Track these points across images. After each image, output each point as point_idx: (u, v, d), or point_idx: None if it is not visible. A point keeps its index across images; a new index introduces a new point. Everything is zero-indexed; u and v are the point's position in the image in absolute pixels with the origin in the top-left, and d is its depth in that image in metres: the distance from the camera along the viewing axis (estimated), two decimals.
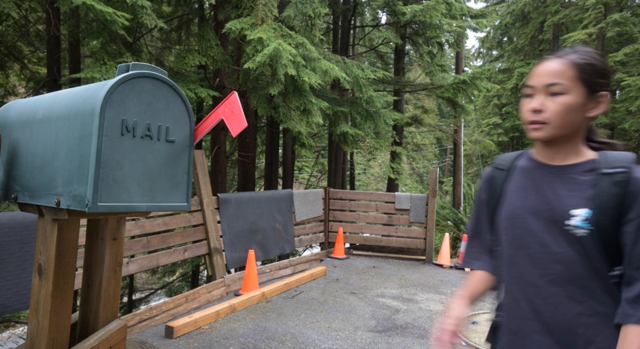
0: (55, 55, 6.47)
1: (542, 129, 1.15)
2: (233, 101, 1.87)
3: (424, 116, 15.84)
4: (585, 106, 1.13)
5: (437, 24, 8.95)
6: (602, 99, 1.15)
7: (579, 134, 1.17)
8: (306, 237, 7.12)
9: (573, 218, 1.10)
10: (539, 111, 1.14)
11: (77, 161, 1.37)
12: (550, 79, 1.13)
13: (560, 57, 1.15)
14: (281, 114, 6.53)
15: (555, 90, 1.13)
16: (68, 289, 1.64)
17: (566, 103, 1.12)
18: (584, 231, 1.09)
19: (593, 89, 1.13)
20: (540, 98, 1.15)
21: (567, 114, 1.12)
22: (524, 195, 1.20)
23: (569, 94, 1.12)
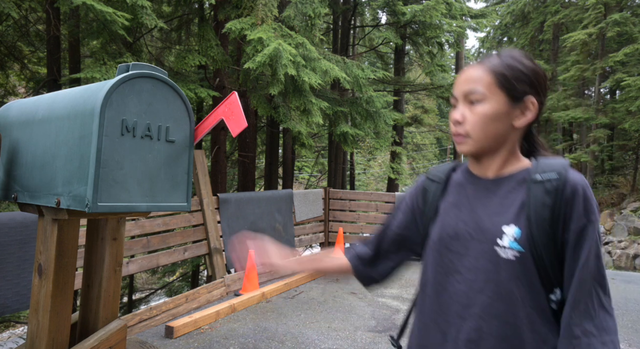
0: (55, 55, 6.47)
1: (465, 142, 1.04)
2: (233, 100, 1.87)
3: (424, 116, 15.85)
4: (509, 114, 1.01)
5: (437, 24, 8.95)
6: (529, 106, 1.02)
7: (509, 145, 1.04)
8: (306, 237, 7.12)
9: (504, 236, 0.96)
10: (459, 122, 1.04)
11: (77, 161, 1.37)
12: (468, 87, 1.03)
13: (480, 63, 1.05)
14: (281, 114, 6.53)
15: (473, 98, 1.02)
16: (68, 289, 1.64)
17: (485, 113, 1.00)
18: (513, 252, 0.94)
19: (515, 96, 1.00)
20: (461, 108, 1.04)
21: (487, 125, 1.00)
22: (457, 213, 1.06)
23: (487, 102, 1.00)
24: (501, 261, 0.95)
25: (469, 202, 1.06)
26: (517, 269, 0.94)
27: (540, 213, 0.94)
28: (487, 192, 1.04)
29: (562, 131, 17.83)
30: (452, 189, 1.12)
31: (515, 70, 1.01)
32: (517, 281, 0.94)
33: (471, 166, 1.11)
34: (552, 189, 0.94)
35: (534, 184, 0.97)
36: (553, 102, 14.85)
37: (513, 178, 1.03)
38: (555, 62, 16.92)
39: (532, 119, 1.03)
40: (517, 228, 0.95)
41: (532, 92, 1.02)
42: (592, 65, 13.80)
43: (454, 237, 1.04)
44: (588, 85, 16.96)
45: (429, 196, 1.16)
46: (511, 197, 1.00)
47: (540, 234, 0.93)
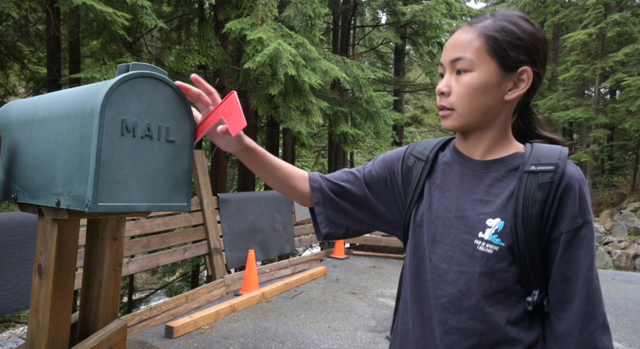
0: (55, 55, 6.47)
1: (450, 116, 0.92)
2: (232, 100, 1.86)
3: (424, 116, 15.85)
4: (500, 85, 0.89)
5: (437, 24, 8.96)
6: (522, 77, 0.89)
7: (500, 122, 0.93)
8: (306, 237, 7.12)
9: (486, 230, 0.88)
10: (444, 93, 0.92)
11: (77, 161, 1.37)
12: (455, 53, 0.90)
13: (471, 25, 0.91)
14: (281, 114, 6.53)
15: (460, 66, 0.89)
16: (68, 289, 1.64)
17: (471, 83, 0.88)
18: (492, 246, 0.86)
19: (508, 65, 0.88)
20: (447, 78, 0.92)
21: (474, 97, 0.88)
22: (440, 197, 0.96)
23: (475, 71, 0.88)
24: (477, 253, 0.87)
25: (453, 185, 0.96)
26: (493, 264, 0.86)
27: (529, 208, 0.84)
28: (474, 176, 0.94)
29: (562, 131, 17.84)
30: (439, 169, 1.00)
31: (510, 35, 0.88)
32: (490, 277, 0.86)
33: (458, 142, 0.99)
34: (546, 183, 0.84)
35: (526, 174, 0.87)
36: (553, 102, 14.85)
37: (503, 163, 0.92)
38: (555, 62, 16.93)
39: (523, 92, 0.90)
40: (501, 220, 0.87)
41: (528, 62, 0.89)
42: (592, 65, 13.80)
43: (433, 223, 0.95)
44: (588, 86, 16.97)
45: (412, 176, 1.03)
46: (499, 185, 0.90)
47: (525, 230, 0.84)
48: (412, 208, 1.02)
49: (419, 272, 0.97)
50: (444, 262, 0.92)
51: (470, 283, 0.88)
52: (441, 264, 0.92)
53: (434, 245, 0.94)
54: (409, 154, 1.07)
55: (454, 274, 0.90)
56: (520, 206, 0.85)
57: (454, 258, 0.91)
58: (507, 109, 0.93)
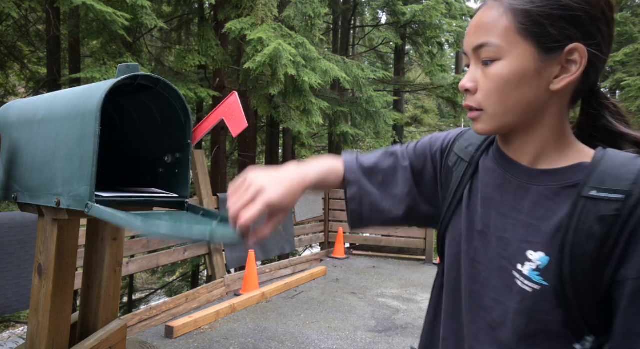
0: (55, 55, 6.48)
1: (480, 119, 0.73)
2: (233, 101, 1.87)
3: (424, 116, 15.86)
4: (541, 73, 0.67)
5: (437, 24, 8.96)
6: (573, 58, 0.66)
7: (550, 119, 0.71)
8: (306, 237, 7.12)
9: (526, 263, 0.70)
10: (469, 90, 0.73)
11: (77, 161, 1.37)
12: (477, 39, 0.70)
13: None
14: (281, 114, 6.54)
15: (485, 55, 0.69)
16: (68, 289, 1.64)
17: (501, 75, 0.68)
18: (533, 284, 0.69)
19: (549, 45, 0.66)
20: (473, 69, 0.72)
21: (506, 93, 0.68)
22: (480, 207, 0.79)
23: (505, 59, 0.68)
24: (515, 288, 0.71)
25: (495, 195, 0.77)
26: (532, 304, 0.69)
27: (581, 244, 0.65)
28: (517, 187, 0.74)
29: None
30: (483, 176, 0.80)
31: (548, 4, 0.65)
32: (528, 317, 0.70)
33: (501, 144, 0.79)
34: (609, 216, 0.63)
35: (584, 200, 0.65)
36: None
37: (557, 176, 0.70)
38: None
39: (579, 76, 0.67)
40: (545, 256, 0.68)
41: (578, 36, 0.66)
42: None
43: (471, 237, 0.79)
44: None
45: (452, 179, 0.85)
46: (548, 205, 0.69)
47: (574, 270, 0.65)
48: (448, 216, 0.85)
49: (456, 288, 0.82)
50: (477, 284, 0.77)
51: (505, 316, 0.72)
52: (475, 286, 0.78)
53: (470, 263, 0.79)
54: (452, 149, 0.87)
55: (489, 300, 0.75)
56: (571, 241, 0.65)
57: (490, 283, 0.75)
58: (558, 102, 0.70)
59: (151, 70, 6.91)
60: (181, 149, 1.66)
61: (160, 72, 6.75)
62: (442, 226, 0.87)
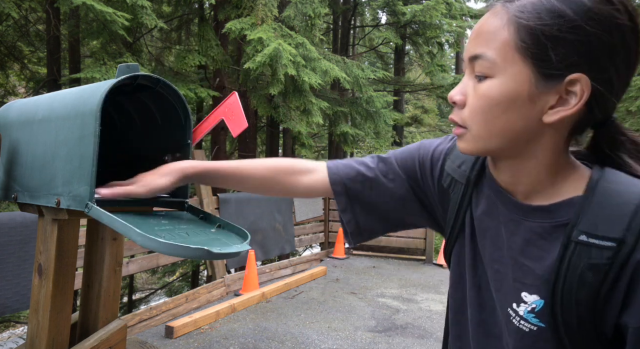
0: (55, 55, 6.48)
1: (463, 137, 0.66)
2: (233, 101, 1.87)
3: (424, 116, 15.86)
4: (534, 101, 0.59)
5: (437, 24, 8.96)
6: (573, 89, 0.57)
7: (543, 152, 0.63)
8: (306, 237, 7.13)
9: (522, 305, 0.65)
10: (457, 104, 0.65)
11: (77, 161, 1.37)
12: (475, 47, 0.62)
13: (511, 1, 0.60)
14: (281, 114, 6.54)
15: (478, 69, 0.61)
16: (68, 289, 1.64)
17: (489, 94, 0.60)
18: (529, 325, 0.65)
19: (548, 70, 0.57)
20: (464, 81, 0.65)
21: (491, 116, 0.61)
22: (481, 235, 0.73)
23: (497, 77, 0.60)
24: (512, 326, 0.67)
25: (492, 224, 0.72)
26: (530, 343, 0.65)
27: (573, 291, 0.60)
28: (509, 223, 0.68)
29: None
30: (482, 203, 0.74)
31: (555, 22, 0.55)
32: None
33: (492, 168, 0.72)
34: (602, 264, 0.57)
35: (574, 244, 0.59)
36: None
37: (549, 214, 0.64)
38: None
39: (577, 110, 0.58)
40: (540, 299, 0.63)
41: (584, 66, 0.56)
42: None
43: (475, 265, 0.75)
44: None
45: (449, 202, 0.79)
46: (540, 245, 0.64)
47: (568, 315, 0.61)
48: (452, 239, 0.80)
49: (461, 310, 0.78)
50: (486, 312, 0.73)
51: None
52: (483, 315, 0.73)
53: (476, 291, 0.74)
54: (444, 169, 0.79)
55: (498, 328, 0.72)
56: (561, 287, 0.60)
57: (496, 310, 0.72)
58: (553, 135, 0.61)
59: (151, 70, 6.91)
60: (181, 149, 1.66)
61: (160, 72, 6.75)
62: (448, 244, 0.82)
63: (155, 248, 1.06)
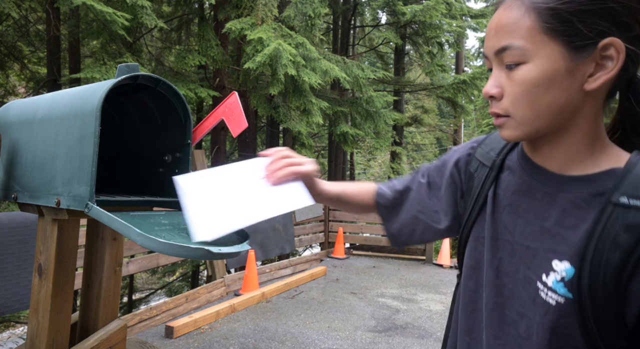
0: (55, 55, 6.48)
1: (506, 125, 0.68)
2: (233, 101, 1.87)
3: (424, 116, 15.87)
4: (573, 73, 0.62)
5: (437, 24, 8.96)
6: (608, 53, 0.60)
7: (584, 121, 0.65)
8: (306, 237, 7.13)
9: (551, 273, 0.65)
10: (494, 97, 0.68)
11: (77, 161, 1.37)
12: (499, 41, 0.65)
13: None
14: (281, 114, 6.54)
15: (509, 59, 0.64)
16: (68, 289, 1.64)
17: (528, 79, 0.63)
18: (557, 296, 0.64)
19: (580, 43, 0.60)
20: (497, 74, 0.67)
21: (536, 97, 0.63)
22: (504, 214, 0.75)
23: (531, 62, 0.63)
24: (539, 300, 0.66)
25: (521, 201, 0.72)
26: (556, 318, 0.64)
27: (604, 253, 0.60)
28: (545, 196, 0.69)
29: None
30: (507, 181, 0.76)
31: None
32: (552, 332, 0.65)
33: (527, 149, 0.74)
34: (636, 224, 0.58)
35: (612, 206, 0.60)
36: None
37: (588, 183, 0.65)
38: None
39: (613, 74, 0.61)
40: (571, 266, 0.63)
41: (612, 30, 0.60)
42: None
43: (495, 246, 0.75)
44: None
45: (474, 185, 0.81)
46: (577, 214, 0.64)
47: (595, 281, 0.61)
48: (470, 222, 0.81)
49: (473, 299, 0.78)
50: (502, 296, 0.72)
51: (529, 330, 0.68)
52: (499, 299, 0.73)
53: (494, 273, 0.74)
54: (473, 156, 0.84)
55: (514, 313, 0.70)
56: (592, 249, 0.61)
57: (515, 294, 0.71)
58: (593, 102, 0.64)
59: (151, 70, 6.91)
60: (181, 149, 1.66)
61: (160, 72, 6.75)
62: (463, 233, 0.83)
63: (155, 248, 1.06)
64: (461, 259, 0.85)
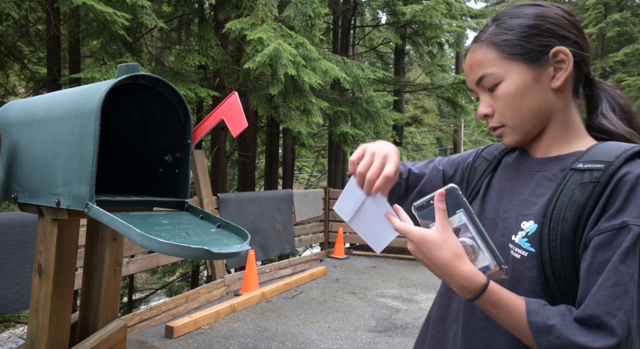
0: (55, 55, 6.47)
1: (506, 134, 0.85)
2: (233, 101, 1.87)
3: (424, 116, 15.86)
4: (539, 79, 0.80)
5: (437, 24, 8.95)
6: (559, 58, 0.79)
7: (559, 113, 0.82)
8: (306, 237, 7.12)
9: (519, 232, 0.78)
10: (488, 115, 0.85)
11: (77, 161, 1.37)
12: (476, 74, 0.84)
13: (477, 41, 0.86)
14: (281, 114, 6.54)
15: (487, 84, 0.83)
16: (68, 289, 1.64)
17: (507, 92, 0.81)
18: (521, 251, 0.76)
19: (535, 56, 0.79)
20: (484, 98, 0.86)
21: (518, 104, 0.80)
22: (494, 197, 0.89)
23: (505, 80, 0.81)
24: (510, 258, 0.78)
25: (509, 185, 0.87)
26: (520, 271, 0.75)
27: (562, 209, 0.72)
28: (527, 175, 0.85)
29: None
30: (502, 171, 0.92)
31: (518, 29, 0.80)
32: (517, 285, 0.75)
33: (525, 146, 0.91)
34: (589, 183, 0.71)
35: (571, 172, 0.75)
36: None
37: (560, 161, 0.81)
38: None
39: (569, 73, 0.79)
40: (535, 224, 0.76)
41: (554, 42, 0.79)
42: (592, 65, 13.78)
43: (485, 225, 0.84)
44: None
45: (475, 176, 0.97)
46: (547, 185, 0.79)
47: (552, 234, 0.72)
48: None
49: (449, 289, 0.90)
50: None
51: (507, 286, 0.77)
52: None
53: None
54: (480, 155, 1.00)
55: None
56: (553, 206, 0.73)
57: None
58: (563, 98, 0.82)
59: (151, 70, 6.91)
60: (181, 149, 1.66)
61: (160, 72, 6.75)
62: None
63: (155, 248, 1.06)
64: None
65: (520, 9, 0.83)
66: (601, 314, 0.64)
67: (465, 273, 0.72)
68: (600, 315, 0.64)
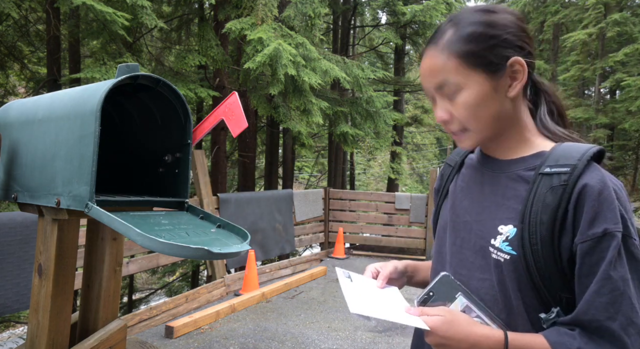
0: (55, 55, 6.47)
1: (466, 137, 0.87)
2: (233, 101, 1.87)
3: (424, 116, 15.86)
4: (497, 89, 0.83)
5: (437, 24, 8.95)
6: (515, 68, 0.83)
7: (516, 119, 0.87)
8: (306, 237, 7.12)
9: (498, 237, 0.83)
10: (447, 121, 0.87)
11: (77, 161, 1.37)
12: (435, 80, 0.86)
13: (435, 44, 0.85)
14: (281, 114, 6.54)
15: (448, 91, 0.85)
16: (68, 289, 1.64)
17: (468, 101, 0.83)
18: (504, 254, 0.81)
19: (495, 67, 0.82)
20: (442, 103, 0.87)
21: (479, 113, 0.83)
22: (463, 199, 0.94)
23: (466, 89, 0.83)
24: (492, 261, 0.83)
25: (475, 186, 0.92)
26: (507, 273, 0.80)
27: (538, 213, 0.78)
28: (493, 176, 0.89)
29: None
30: (465, 171, 0.98)
31: (481, 39, 0.82)
32: (506, 286, 0.81)
33: (482, 146, 0.96)
34: (559, 186, 0.77)
35: (540, 176, 0.80)
36: None
37: (523, 163, 0.86)
38: (555, 62, 16.93)
39: (523, 82, 0.84)
40: (514, 228, 0.81)
41: (512, 53, 0.83)
42: (592, 65, 13.80)
43: (455, 227, 0.93)
44: (588, 85, 16.96)
45: (442, 181, 1.04)
46: (515, 187, 0.84)
47: (533, 238, 0.78)
48: (437, 212, 1.03)
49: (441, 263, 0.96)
50: (464, 268, 0.89)
51: (492, 291, 0.83)
52: (462, 270, 0.89)
53: (454, 250, 0.92)
54: (445, 163, 1.07)
55: (476, 281, 0.86)
56: (529, 212, 0.78)
57: (475, 264, 0.87)
58: (518, 104, 0.87)
59: (151, 70, 6.91)
60: (181, 149, 1.66)
61: (160, 72, 6.74)
62: (435, 214, 1.04)
63: (155, 248, 1.06)
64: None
65: (479, 15, 0.84)
66: (602, 319, 0.72)
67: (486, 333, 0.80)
68: (601, 320, 0.73)
